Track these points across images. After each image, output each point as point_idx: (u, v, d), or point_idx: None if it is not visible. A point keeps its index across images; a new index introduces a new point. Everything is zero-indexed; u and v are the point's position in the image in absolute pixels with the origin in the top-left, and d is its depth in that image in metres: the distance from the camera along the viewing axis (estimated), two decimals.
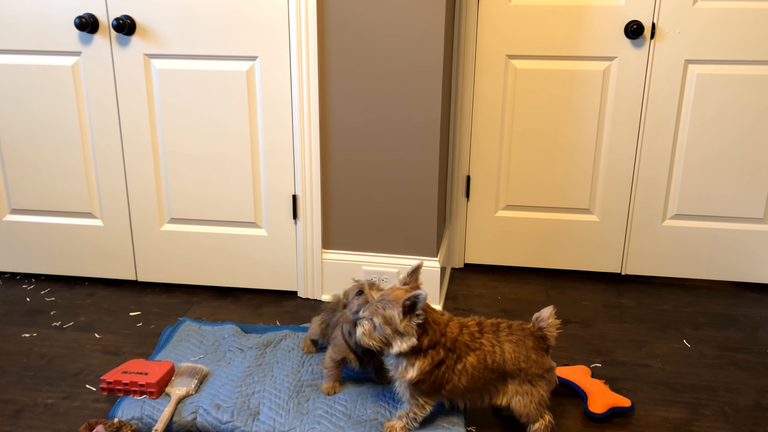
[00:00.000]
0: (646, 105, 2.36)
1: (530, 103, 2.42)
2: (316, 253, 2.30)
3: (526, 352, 1.53)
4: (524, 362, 1.53)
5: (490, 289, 2.46)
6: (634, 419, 1.72)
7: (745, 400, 1.80)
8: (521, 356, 1.53)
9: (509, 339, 1.55)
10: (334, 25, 2.07)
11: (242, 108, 2.20)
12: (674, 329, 2.18)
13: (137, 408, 1.65)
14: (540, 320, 1.57)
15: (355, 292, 1.65)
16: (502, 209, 2.57)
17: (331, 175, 2.23)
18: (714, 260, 2.49)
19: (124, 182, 2.34)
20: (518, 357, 1.53)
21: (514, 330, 1.56)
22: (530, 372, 1.53)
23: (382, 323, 1.48)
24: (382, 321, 1.48)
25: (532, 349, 1.54)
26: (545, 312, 1.57)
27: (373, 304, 1.51)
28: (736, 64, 2.28)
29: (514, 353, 1.53)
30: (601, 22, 2.30)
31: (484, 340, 1.54)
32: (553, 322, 1.57)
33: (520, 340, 1.54)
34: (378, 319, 1.49)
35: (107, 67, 2.21)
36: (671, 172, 2.42)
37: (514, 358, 1.53)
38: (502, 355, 1.53)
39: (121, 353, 2.01)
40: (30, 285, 2.46)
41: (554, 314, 1.57)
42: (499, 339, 1.54)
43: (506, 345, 1.54)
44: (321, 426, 1.60)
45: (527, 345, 1.54)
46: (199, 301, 2.34)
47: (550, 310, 1.57)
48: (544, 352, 1.57)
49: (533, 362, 1.54)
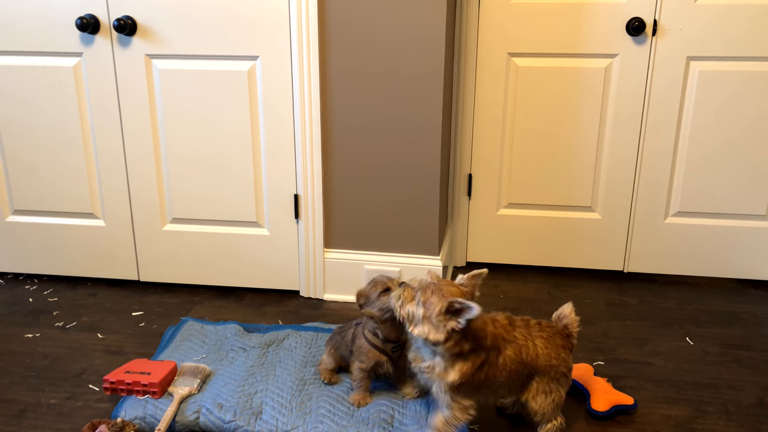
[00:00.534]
0: (647, 102, 2.36)
1: (532, 101, 2.42)
2: (317, 252, 2.30)
3: (556, 350, 1.51)
4: (555, 359, 1.50)
5: (493, 288, 2.46)
6: (637, 417, 1.72)
7: (748, 398, 1.80)
8: (552, 353, 1.50)
9: (541, 335, 1.52)
10: (335, 24, 2.07)
11: (243, 108, 2.20)
12: (677, 327, 2.17)
13: (140, 408, 1.65)
14: (562, 317, 1.55)
15: (378, 291, 1.60)
16: (503, 207, 2.57)
17: (332, 175, 2.23)
18: (717, 257, 2.49)
19: (125, 182, 2.34)
20: (550, 353, 1.50)
21: (544, 327, 1.54)
22: (558, 370, 1.51)
23: (422, 300, 1.39)
24: (423, 299, 1.39)
25: (561, 347, 1.52)
26: (566, 309, 1.56)
27: (426, 282, 1.42)
28: (738, 61, 2.28)
29: (546, 349, 1.50)
30: (602, 19, 2.30)
31: (517, 334, 1.50)
32: (575, 318, 1.55)
33: (551, 337, 1.52)
34: (421, 295, 1.39)
35: (108, 67, 2.22)
36: (673, 169, 2.42)
37: (547, 354, 1.50)
38: (535, 350, 1.49)
39: (124, 353, 2.02)
40: (33, 285, 2.47)
41: (574, 310, 1.56)
42: (531, 334, 1.51)
43: (539, 340, 1.50)
44: (324, 425, 1.60)
45: (557, 342, 1.52)
46: (202, 301, 2.35)
47: (570, 307, 1.55)
48: (569, 350, 1.56)
49: (562, 360, 1.52)
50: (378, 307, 1.60)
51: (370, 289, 1.63)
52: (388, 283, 1.61)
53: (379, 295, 1.60)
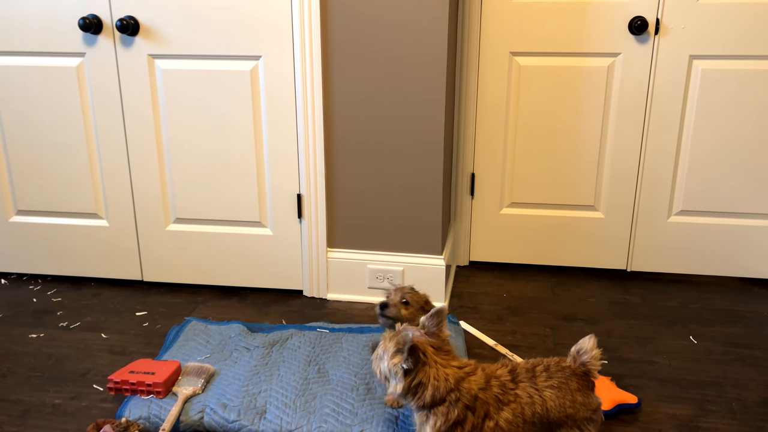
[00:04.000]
0: (650, 101, 2.35)
1: (534, 101, 2.42)
2: (321, 251, 2.31)
3: (571, 396, 1.36)
4: (570, 408, 1.36)
5: (496, 287, 2.46)
6: (640, 416, 1.71)
7: (752, 396, 1.80)
8: (567, 402, 1.36)
9: (549, 384, 1.37)
10: (337, 23, 2.07)
11: (246, 107, 2.20)
12: (680, 325, 2.17)
13: (144, 408, 1.65)
14: (582, 353, 1.38)
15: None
16: (506, 207, 2.57)
17: (335, 174, 2.23)
18: (720, 256, 2.48)
19: (129, 182, 2.34)
20: (563, 403, 1.36)
21: (553, 372, 1.38)
22: (578, 417, 1.37)
23: (383, 351, 1.37)
24: (383, 349, 1.38)
25: (577, 391, 1.37)
26: (587, 343, 1.38)
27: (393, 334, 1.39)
28: (741, 59, 2.28)
29: (557, 399, 1.36)
30: (604, 18, 2.29)
31: (520, 391, 1.36)
32: (597, 353, 1.38)
33: (562, 384, 1.37)
34: (381, 347, 1.38)
35: (111, 67, 2.22)
36: (676, 167, 2.42)
37: (559, 405, 1.36)
38: (543, 405, 1.35)
39: (128, 353, 2.02)
40: (36, 286, 2.47)
41: (596, 343, 1.38)
42: (537, 386, 1.37)
43: (547, 392, 1.36)
44: (328, 424, 1.60)
45: (571, 387, 1.37)
46: (205, 301, 2.35)
47: (592, 341, 1.38)
48: (589, 390, 1.40)
49: (580, 405, 1.37)
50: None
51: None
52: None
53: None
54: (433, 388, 1.32)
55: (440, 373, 1.34)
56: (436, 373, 1.34)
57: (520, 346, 2.04)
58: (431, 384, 1.33)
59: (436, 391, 1.32)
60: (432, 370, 1.33)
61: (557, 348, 2.03)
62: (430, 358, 1.35)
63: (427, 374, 1.33)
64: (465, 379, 1.34)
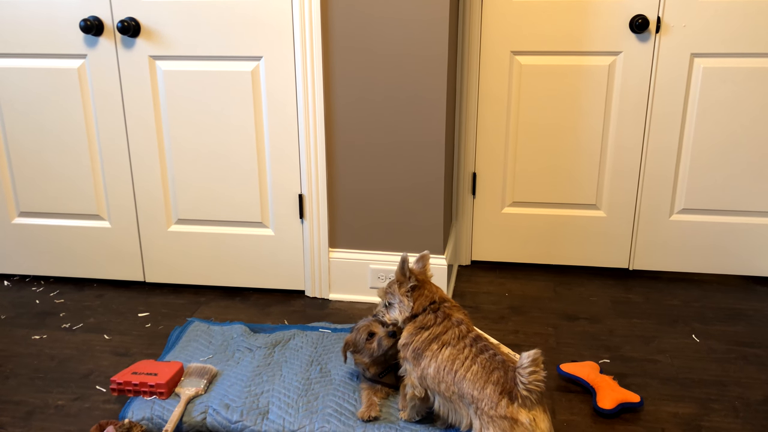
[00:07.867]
0: (652, 99, 2.35)
1: (536, 100, 2.42)
2: (323, 252, 2.31)
3: (483, 383, 1.38)
4: (477, 391, 1.38)
5: (498, 286, 2.46)
6: (643, 415, 1.71)
7: (755, 395, 1.79)
8: (478, 383, 1.38)
9: (480, 358, 1.41)
10: (338, 23, 2.07)
11: (247, 108, 2.20)
12: (683, 324, 2.17)
13: (147, 408, 1.65)
14: (521, 361, 1.33)
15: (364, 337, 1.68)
16: (508, 206, 2.57)
17: (336, 174, 2.23)
18: (722, 254, 2.48)
19: (131, 184, 2.34)
20: (476, 383, 1.38)
21: (491, 356, 1.41)
22: (480, 406, 1.37)
23: (388, 295, 1.61)
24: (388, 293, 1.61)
25: (491, 383, 1.37)
26: (529, 356, 1.31)
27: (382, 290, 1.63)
28: (743, 57, 2.27)
29: (474, 375, 1.40)
30: (605, 16, 2.29)
31: (464, 345, 1.45)
32: (534, 369, 1.30)
33: (487, 366, 1.39)
34: (384, 295, 1.62)
35: (113, 69, 2.22)
36: (678, 166, 2.41)
37: (472, 381, 1.39)
38: (466, 371, 1.41)
39: (131, 354, 2.02)
40: (39, 287, 2.48)
41: (540, 360, 1.31)
42: (473, 352, 1.43)
43: (476, 365, 1.41)
44: (330, 424, 1.60)
45: (491, 378, 1.38)
46: (207, 302, 2.35)
47: (535, 355, 1.30)
48: (507, 395, 1.35)
49: (486, 397, 1.36)
50: (368, 355, 1.68)
51: (356, 336, 1.70)
52: (371, 326, 1.68)
53: (366, 342, 1.67)
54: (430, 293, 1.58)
55: (433, 288, 1.60)
56: (431, 287, 1.60)
57: (522, 345, 2.04)
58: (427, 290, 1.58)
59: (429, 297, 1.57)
60: (429, 285, 1.60)
61: (559, 347, 2.03)
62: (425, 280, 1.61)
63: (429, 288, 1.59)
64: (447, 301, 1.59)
